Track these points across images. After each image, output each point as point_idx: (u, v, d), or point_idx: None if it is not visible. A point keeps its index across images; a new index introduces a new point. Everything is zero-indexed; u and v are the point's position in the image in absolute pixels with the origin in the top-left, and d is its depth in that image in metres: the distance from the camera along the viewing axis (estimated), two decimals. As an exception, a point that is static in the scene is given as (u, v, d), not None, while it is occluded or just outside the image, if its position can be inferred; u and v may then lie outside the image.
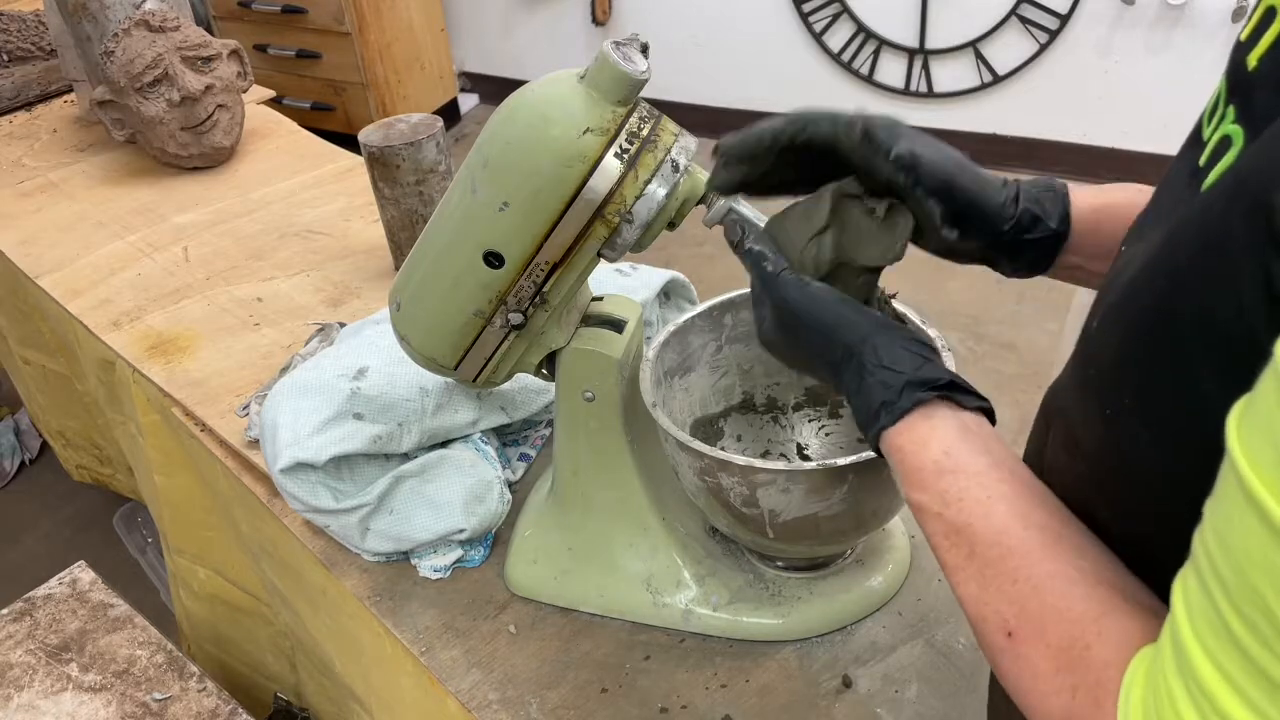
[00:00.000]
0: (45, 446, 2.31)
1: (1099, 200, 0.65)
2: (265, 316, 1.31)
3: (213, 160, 1.68)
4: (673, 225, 0.74)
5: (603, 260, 0.74)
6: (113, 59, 1.56)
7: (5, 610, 1.18)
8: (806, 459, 0.94)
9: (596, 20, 3.49)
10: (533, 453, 1.07)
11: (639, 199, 0.70)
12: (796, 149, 0.64)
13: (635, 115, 0.69)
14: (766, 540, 0.79)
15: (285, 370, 1.14)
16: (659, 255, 2.12)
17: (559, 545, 0.91)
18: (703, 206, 0.72)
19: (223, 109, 1.64)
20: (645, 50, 0.69)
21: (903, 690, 0.81)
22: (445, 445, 0.99)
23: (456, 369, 0.82)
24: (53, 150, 1.81)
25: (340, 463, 0.93)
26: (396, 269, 1.35)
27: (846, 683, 0.82)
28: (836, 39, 3.20)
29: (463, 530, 0.93)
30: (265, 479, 1.05)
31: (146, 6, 1.56)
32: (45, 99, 1.99)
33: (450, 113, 3.75)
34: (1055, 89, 3.02)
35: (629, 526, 0.88)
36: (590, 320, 0.83)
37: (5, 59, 1.97)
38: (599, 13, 3.47)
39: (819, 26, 3.19)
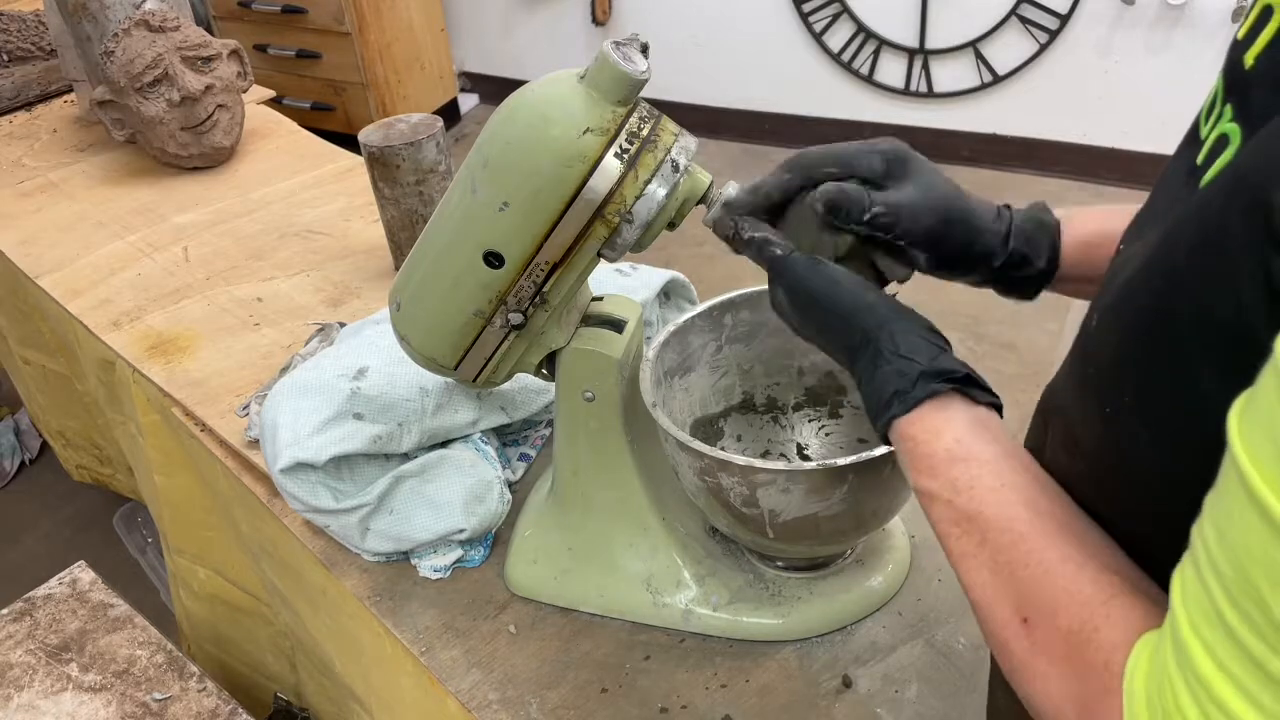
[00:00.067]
0: (45, 446, 2.31)
1: (1088, 229, 0.66)
2: (265, 316, 1.31)
3: (213, 160, 1.68)
4: (673, 225, 0.74)
5: (603, 260, 0.74)
6: (113, 59, 1.56)
7: (5, 610, 1.18)
8: (806, 459, 0.94)
9: (596, 20, 3.49)
10: (533, 453, 1.07)
11: (639, 199, 0.70)
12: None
13: (635, 115, 0.69)
14: (766, 540, 0.79)
15: (285, 370, 1.14)
16: (659, 255, 2.12)
17: (559, 545, 0.91)
18: (703, 206, 0.72)
19: (223, 109, 1.64)
20: (645, 50, 0.69)
21: (903, 690, 0.81)
22: (445, 445, 0.99)
23: (456, 369, 0.82)
24: (53, 150, 1.81)
25: (340, 463, 0.94)
26: (396, 269, 1.35)
27: (846, 683, 0.82)
28: (836, 39, 3.20)
29: (463, 530, 0.93)
30: (265, 479, 1.05)
31: (146, 6, 1.56)
32: (45, 99, 1.99)
33: (450, 113, 3.75)
34: (1055, 89, 3.02)
35: (629, 526, 0.88)
36: (590, 320, 0.83)
37: (5, 59, 1.97)
38: (599, 13, 3.47)
39: (819, 26, 3.19)
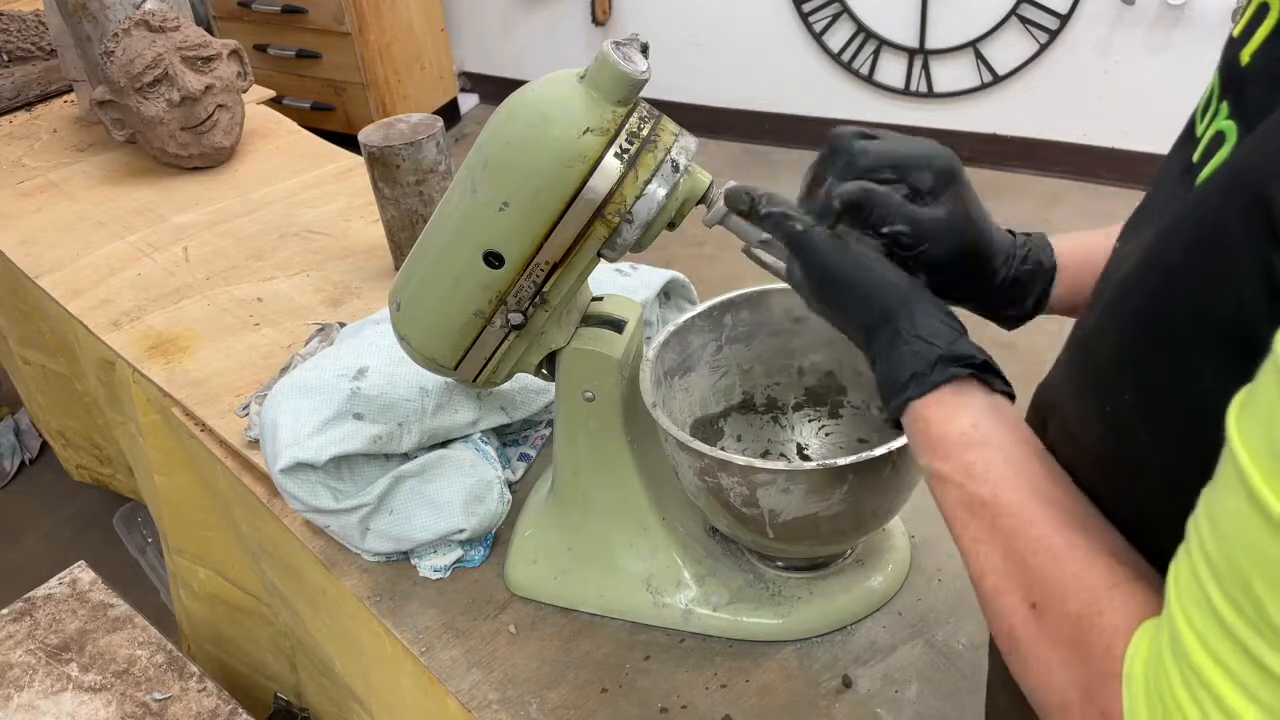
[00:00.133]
0: (45, 446, 2.31)
1: (1078, 258, 0.66)
2: (265, 316, 1.31)
3: (213, 160, 1.68)
4: (673, 225, 0.74)
5: (603, 260, 0.74)
6: (113, 59, 1.56)
7: (5, 610, 1.18)
8: (806, 459, 0.94)
9: (596, 20, 3.49)
10: (533, 453, 1.07)
11: (639, 199, 0.70)
12: None
13: (635, 115, 0.69)
14: (766, 540, 0.79)
15: (285, 370, 1.14)
16: (659, 255, 2.11)
17: (559, 545, 0.91)
18: (703, 206, 0.72)
19: (223, 109, 1.64)
20: (645, 50, 0.69)
21: (903, 690, 0.81)
22: (445, 445, 0.99)
23: (456, 369, 0.82)
24: (53, 150, 1.81)
25: (340, 463, 0.93)
26: (396, 269, 1.35)
27: (846, 683, 0.82)
28: (836, 39, 3.20)
29: (463, 530, 0.93)
30: (265, 479, 1.05)
31: (146, 6, 1.56)
32: (45, 99, 1.99)
33: (450, 113, 3.75)
34: (1055, 89, 3.02)
35: (629, 526, 0.88)
36: (590, 320, 0.83)
37: (5, 59, 1.97)
38: (599, 13, 3.47)
39: (819, 26, 3.19)
